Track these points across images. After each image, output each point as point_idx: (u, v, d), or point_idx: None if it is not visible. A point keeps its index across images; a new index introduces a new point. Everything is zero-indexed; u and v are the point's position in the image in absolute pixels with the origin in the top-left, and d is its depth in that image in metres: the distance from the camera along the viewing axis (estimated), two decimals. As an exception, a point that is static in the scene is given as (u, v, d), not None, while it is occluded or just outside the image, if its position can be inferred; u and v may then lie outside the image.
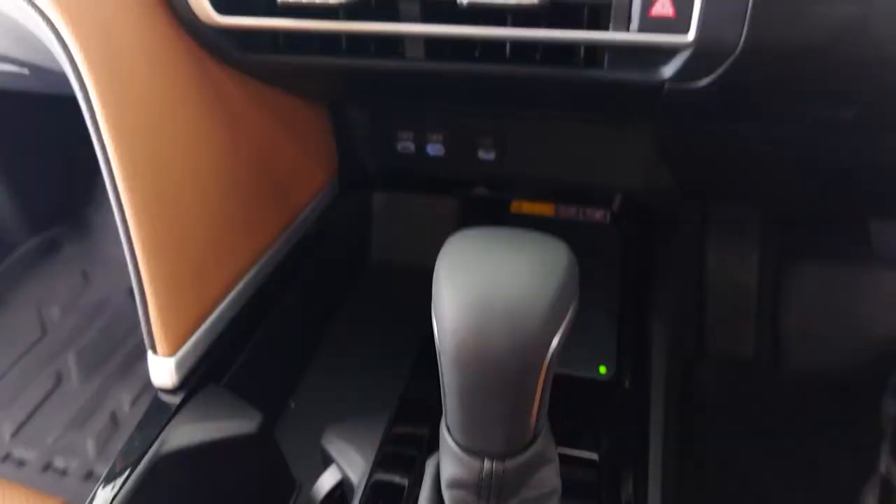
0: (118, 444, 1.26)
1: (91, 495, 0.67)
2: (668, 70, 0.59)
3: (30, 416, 1.29)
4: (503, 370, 0.38)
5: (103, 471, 1.21)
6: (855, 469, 1.14)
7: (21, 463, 1.22)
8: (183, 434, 0.71)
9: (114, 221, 0.65)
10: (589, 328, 0.81)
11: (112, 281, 1.55)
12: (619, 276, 0.89)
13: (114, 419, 1.30)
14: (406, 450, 0.66)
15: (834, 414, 1.26)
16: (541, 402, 0.41)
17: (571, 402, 0.72)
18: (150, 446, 0.69)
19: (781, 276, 1.35)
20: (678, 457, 1.01)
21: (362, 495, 0.64)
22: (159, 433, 0.71)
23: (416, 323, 0.81)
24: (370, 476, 0.65)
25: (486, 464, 0.42)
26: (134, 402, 1.33)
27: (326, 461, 0.73)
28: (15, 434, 1.26)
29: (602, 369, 0.77)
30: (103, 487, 0.67)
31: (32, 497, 0.79)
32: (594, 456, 0.67)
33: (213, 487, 0.76)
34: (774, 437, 1.24)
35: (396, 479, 0.64)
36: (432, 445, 0.53)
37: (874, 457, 1.11)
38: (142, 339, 1.46)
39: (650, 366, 0.80)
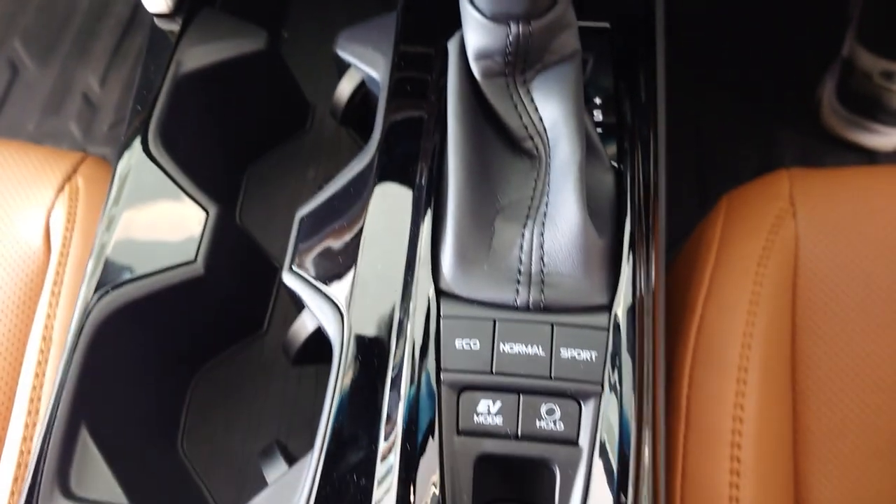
0: (102, 124, 1.24)
1: (128, 134, 0.66)
2: None
3: (1, 108, 1.25)
4: None
5: (96, 150, 1.22)
6: (819, 60, 1.20)
7: (12, 150, 1.21)
8: (194, 56, 0.69)
9: None
10: None
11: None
12: None
13: (87, 101, 1.26)
14: (425, 36, 0.66)
15: (805, 9, 1.28)
16: None
17: None
18: (167, 71, 0.68)
19: None
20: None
21: (390, 86, 0.65)
22: (171, 57, 0.69)
23: None
24: (393, 71, 0.66)
25: (513, 27, 0.43)
26: (103, 83, 1.28)
27: (342, 69, 0.73)
28: (-7, 126, 1.23)
29: None
30: (134, 118, 0.66)
31: (52, 154, 0.79)
32: (605, 24, 0.69)
33: (234, 111, 0.77)
34: (745, 34, 1.27)
35: (422, 65, 0.65)
36: (449, 29, 0.54)
37: (840, 45, 1.15)
38: (87, 16, 1.36)
39: None
